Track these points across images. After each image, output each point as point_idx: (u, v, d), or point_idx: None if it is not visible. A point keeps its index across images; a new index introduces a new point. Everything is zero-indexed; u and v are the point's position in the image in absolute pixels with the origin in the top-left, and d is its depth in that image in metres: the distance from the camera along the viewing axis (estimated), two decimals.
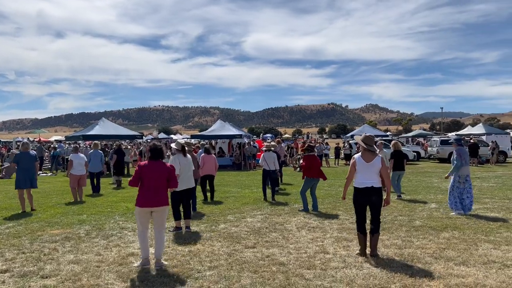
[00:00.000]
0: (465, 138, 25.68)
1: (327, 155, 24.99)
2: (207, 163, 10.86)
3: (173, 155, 7.75)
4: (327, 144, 27.76)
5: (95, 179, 12.98)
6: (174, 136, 44.51)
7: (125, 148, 19.20)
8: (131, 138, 25.86)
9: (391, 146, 11.50)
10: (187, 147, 7.92)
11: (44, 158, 25.35)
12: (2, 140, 51.70)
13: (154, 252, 5.40)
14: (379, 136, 30.01)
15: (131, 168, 20.84)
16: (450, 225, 7.37)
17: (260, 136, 56.30)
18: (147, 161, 5.55)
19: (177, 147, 7.64)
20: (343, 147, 27.38)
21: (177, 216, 7.39)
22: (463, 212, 8.36)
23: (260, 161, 11.70)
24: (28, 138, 45.07)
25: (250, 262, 5.33)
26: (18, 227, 7.72)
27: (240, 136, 23.94)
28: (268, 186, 11.15)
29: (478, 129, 32.99)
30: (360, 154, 5.78)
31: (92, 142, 18.67)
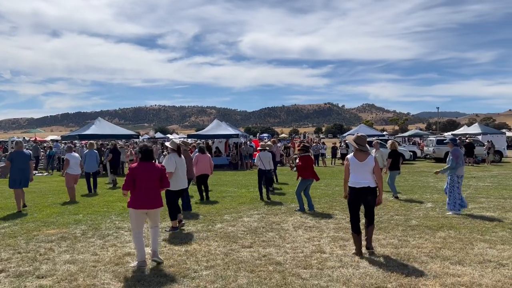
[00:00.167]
0: (461, 138, 25.81)
1: (323, 155, 25.05)
2: (201, 162, 10.83)
3: (168, 154, 7.71)
4: (323, 143, 27.81)
5: (91, 179, 12.90)
6: (170, 136, 44.44)
7: (120, 148, 19.13)
8: (128, 137, 25.82)
9: (389, 145, 11.47)
10: (184, 147, 7.88)
11: (40, 157, 25.23)
12: None
13: (151, 246, 5.43)
14: (375, 136, 30.07)
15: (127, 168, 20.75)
16: (446, 224, 7.39)
17: (257, 135, 56.23)
18: (138, 162, 5.46)
19: (172, 146, 7.58)
20: (340, 146, 27.44)
21: (173, 216, 7.36)
22: (456, 212, 8.41)
23: (255, 160, 11.71)
24: (24, 138, 44.83)
25: (247, 262, 5.33)
26: (14, 227, 7.68)
27: (236, 135, 23.90)
28: (264, 185, 11.15)
29: (474, 128, 33.12)
30: (352, 154, 5.81)
31: (87, 142, 18.60)
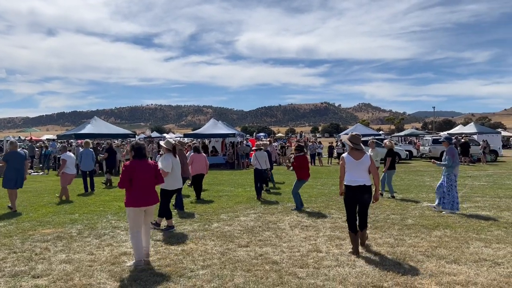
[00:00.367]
0: (457, 137, 25.92)
1: (320, 154, 25.08)
2: (196, 162, 10.81)
3: (163, 154, 7.67)
4: (320, 143, 27.84)
5: (88, 178, 12.84)
6: (166, 135, 44.33)
7: (116, 147, 19.07)
8: (124, 137, 25.72)
9: (386, 144, 11.44)
10: (179, 146, 7.84)
11: (36, 157, 25.12)
12: None
13: (145, 245, 5.43)
14: (371, 135, 30.12)
15: None
16: (442, 223, 7.42)
17: (254, 135, 56.25)
18: (132, 160, 5.43)
19: (167, 146, 7.55)
20: (336, 146, 27.48)
21: (169, 215, 7.35)
22: (454, 211, 8.43)
23: (252, 160, 11.70)
24: (19, 137, 44.59)
25: (243, 261, 5.33)
26: (9, 227, 7.64)
27: (233, 135, 23.89)
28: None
29: (469, 128, 33.28)
30: (347, 152, 5.82)
31: (83, 141, 18.53)
